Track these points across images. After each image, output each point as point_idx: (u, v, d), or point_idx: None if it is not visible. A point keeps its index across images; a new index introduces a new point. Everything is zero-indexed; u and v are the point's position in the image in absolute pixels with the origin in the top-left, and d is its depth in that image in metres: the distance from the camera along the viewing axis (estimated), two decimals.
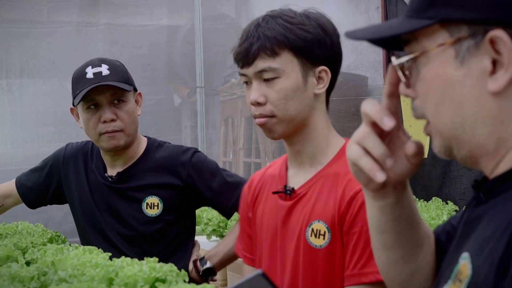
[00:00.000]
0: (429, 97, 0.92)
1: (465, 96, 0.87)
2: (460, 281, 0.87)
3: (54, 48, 3.64)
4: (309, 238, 1.54)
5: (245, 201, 1.78)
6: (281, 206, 1.62)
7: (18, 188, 2.44)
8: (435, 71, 0.89)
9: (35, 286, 1.38)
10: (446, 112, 0.89)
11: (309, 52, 1.54)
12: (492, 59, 0.84)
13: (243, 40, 1.54)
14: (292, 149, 1.62)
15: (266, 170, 1.75)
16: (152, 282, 1.34)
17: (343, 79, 4.17)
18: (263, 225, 1.68)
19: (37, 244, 2.13)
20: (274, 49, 1.52)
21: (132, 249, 2.20)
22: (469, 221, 0.96)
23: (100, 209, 2.26)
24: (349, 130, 4.24)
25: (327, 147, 1.61)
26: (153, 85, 3.90)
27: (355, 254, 1.49)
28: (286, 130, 1.57)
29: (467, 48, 0.85)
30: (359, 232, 1.48)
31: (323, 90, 1.60)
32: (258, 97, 1.54)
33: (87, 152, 2.35)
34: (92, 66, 2.15)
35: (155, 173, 2.23)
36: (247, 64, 1.54)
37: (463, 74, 0.86)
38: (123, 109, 2.16)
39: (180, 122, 4.01)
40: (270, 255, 1.65)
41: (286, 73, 1.53)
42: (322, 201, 1.55)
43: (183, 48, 4.00)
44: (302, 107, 1.56)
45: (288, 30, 1.52)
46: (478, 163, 0.91)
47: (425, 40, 0.90)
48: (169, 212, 2.21)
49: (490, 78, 0.84)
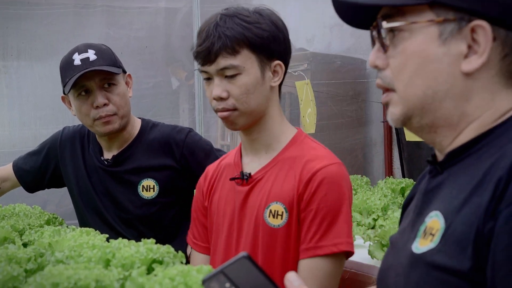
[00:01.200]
0: (405, 69, 1.03)
1: (440, 72, 1.00)
2: (432, 234, 0.97)
3: (51, 31, 3.61)
4: (267, 218, 1.65)
5: (201, 192, 1.87)
6: (238, 192, 1.73)
7: (16, 171, 2.44)
8: (417, 46, 1.01)
9: (32, 267, 1.39)
10: (420, 84, 1.02)
11: (265, 49, 1.65)
12: (468, 45, 0.98)
13: (203, 40, 1.63)
14: (248, 137, 1.74)
15: (221, 161, 1.87)
16: (149, 263, 1.34)
17: (341, 63, 4.15)
18: (220, 212, 1.77)
19: (34, 226, 2.13)
20: (234, 48, 1.61)
21: (130, 232, 2.21)
22: (428, 190, 1.07)
23: (98, 192, 2.26)
24: (347, 113, 4.23)
25: (281, 135, 1.73)
26: (151, 68, 3.88)
27: (311, 229, 1.61)
28: (247, 122, 1.68)
29: (451, 31, 0.98)
30: (316, 209, 1.61)
31: (278, 82, 1.71)
32: (221, 93, 1.64)
33: (83, 135, 2.35)
34: (78, 53, 2.12)
35: (150, 154, 2.23)
36: (209, 62, 1.63)
37: (442, 52, 0.99)
38: (115, 92, 2.15)
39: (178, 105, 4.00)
40: (227, 239, 1.74)
41: (246, 69, 1.63)
42: (279, 183, 1.66)
43: (181, 30, 3.98)
44: (261, 99, 1.68)
45: (247, 29, 1.62)
46: (436, 133, 1.05)
47: (413, 16, 1.01)
48: (165, 195, 2.21)
49: (464, 61, 0.98)
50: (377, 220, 2.50)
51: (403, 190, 3.06)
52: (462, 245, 0.91)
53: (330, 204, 1.60)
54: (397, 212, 2.33)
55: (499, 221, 0.86)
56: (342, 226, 1.61)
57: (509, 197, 0.86)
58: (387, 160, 4.25)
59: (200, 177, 1.90)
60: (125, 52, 3.56)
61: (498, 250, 0.85)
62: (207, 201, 1.84)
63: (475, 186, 0.94)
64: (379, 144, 4.34)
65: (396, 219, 2.17)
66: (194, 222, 1.88)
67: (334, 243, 1.60)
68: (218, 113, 1.67)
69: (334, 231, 1.60)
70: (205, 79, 1.70)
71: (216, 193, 1.81)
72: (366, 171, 4.34)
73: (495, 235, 0.86)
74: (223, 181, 1.80)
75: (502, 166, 0.90)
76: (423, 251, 0.98)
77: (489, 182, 0.91)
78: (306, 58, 4.01)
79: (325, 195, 1.61)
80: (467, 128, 1.02)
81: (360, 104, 4.28)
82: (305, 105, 3.40)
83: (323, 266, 1.60)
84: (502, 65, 0.99)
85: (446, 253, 0.93)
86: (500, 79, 1.00)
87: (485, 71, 0.99)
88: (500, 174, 0.89)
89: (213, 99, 1.66)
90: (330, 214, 1.60)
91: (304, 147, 1.70)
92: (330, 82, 4.07)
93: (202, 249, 1.85)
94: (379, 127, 4.23)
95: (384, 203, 2.65)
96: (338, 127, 4.21)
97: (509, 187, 0.87)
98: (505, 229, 0.85)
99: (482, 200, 0.90)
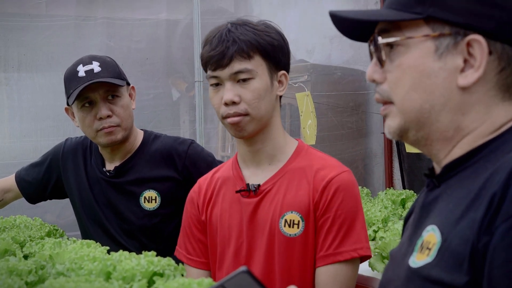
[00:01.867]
0: (402, 82, 1.04)
1: (437, 86, 1.01)
2: (429, 249, 0.98)
3: (52, 42, 3.62)
4: (283, 228, 1.67)
5: (195, 206, 1.86)
6: (245, 204, 1.73)
7: (18, 182, 2.44)
8: (413, 60, 1.03)
9: (32, 279, 1.38)
10: (417, 98, 1.03)
11: (275, 57, 1.69)
12: (464, 59, 0.99)
13: (216, 45, 1.65)
14: (251, 148, 1.74)
15: (213, 175, 1.86)
16: (150, 276, 1.34)
17: (341, 74, 4.16)
18: (224, 225, 1.77)
19: (35, 238, 2.13)
20: (249, 52, 1.64)
21: (132, 243, 2.21)
22: (426, 203, 1.08)
23: (100, 203, 2.26)
24: (347, 124, 4.24)
25: (285, 146, 1.75)
26: (151, 80, 3.89)
27: (329, 236, 1.64)
28: (255, 129, 1.68)
29: (447, 45, 1.00)
30: (333, 217, 1.63)
31: (283, 92, 1.74)
32: (233, 97, 1.64)
33: (86, 147, 2.35)
34: (83, 64, 2.13)
35: (152, 166, 2.23)
36: (221, 66, 1.64)
37: (439, 67, 1.01)
38: (118, 104, 2.15)
39: (179, 117, 4.00)
40: (236, 251, 1.74)
41: (258, 74, 1.66)
42: (292, 193, 1.68)
43: (181, 42, 3.99)
44: (269, 107, 1.70)
45: (259, 36, 1.66)
46: (431, 145, 1.06)
47: (409, 31, 1.03)
48: (166, 206, 2.21)
49: (460, 75, 1.00)
50: (377, 232, 2.50)
51: (404, 201, 3.06)
52: (458, 259, 0.91)
53: (347, 210, 1.64)
54: (397, 223, 2.33)
55: (495, 236, 0.86)
56: (360, 232, 1.65)
57: (504, 213, 0.86)
58: (387, 172, 4.25)
59: (191, 191, 1.90)
60: (125, 63, 3.57)
61: (495, 265, 0.85)
62: (205, 215, 1.83)
63: (471, 201, 0.94)
64: (379, 156, 4.34)
65: (396, 230, 2.17)
66: (188, 238, 1.87)
67: (354, 248, 1.63)
68: (228, 119, 1.67)
69: (353, 237, 1.64)
70: (213, 85, 1.70)
71: (216, 206, 1.80)
72: (367, 182, 4.34)
73: (492, 250, 0.86)
74: (223, 194, 1.80)
75: (497, 181, 0.90)
76: (420, 265, 0.99)
77: (484, 196, 0.91)
78: (307, 70, 4.02)
79: (342, 202, 1.64)
80: (462, 141, 1.03)
81: (360, 116, 4.29)
82: (306, 116, 3.41)
83: (343, 272, 1.63)
84: (499, 79, 1.00)
85: (442, 268, 0.94)
86: (497, 93, 1.01)
87: (481, 85, 1.00)
88: (494, 189, 0.89)
89: (224, 104, 1.66)
90: (347, 220, 1.64)
91: (311, 157, 1.73)
92: (330, 93, 4.08)
93: (198, 264, 1.84)
94: (379, 139, 4.23)
95: (385, 215, 2.65)
96: (338, 139, 4.22)
97: (505, 202, 0.87)
98: (502, 244, 0.85)
99: (476, 215, 0.91)
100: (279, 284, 1.67)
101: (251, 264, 1.71)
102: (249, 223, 1.72)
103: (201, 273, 1.83)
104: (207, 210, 1.82)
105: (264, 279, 1.66)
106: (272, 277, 1.68)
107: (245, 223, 1.73)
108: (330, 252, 1.63)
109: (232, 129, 1.69)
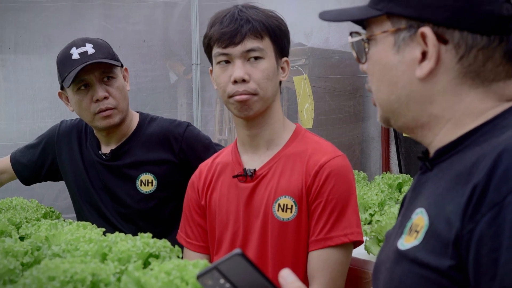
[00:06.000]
0: (373, 76, 1.11)
1: (398, 79, 1.05)
2: (417, 231, 0.99)
3: (49, 24, 3.60)
4: (276, 212, 1.69)
5: (195, 191, 1.87)
6: (242, 188, 1.75)
7: (13, 164, 2.43)
8: (378, 55, 1.08)
9: (28, 260, 1.39)
10: (384, 90, 1.08)
11: (281, 42, 1.73)
12: (422, 51, 1.02)
13: (229, 22, 1.66)
14: (250, 132, 1.75)
15: (214, 160, 1.88)
16: (146, 257, 1.34)
17: (339, 58, 4.14)
18: (222, 209, 1.78)
19: (31, 219, 2.13)
20: (260, 33, 1.67)
21: (127, 226, 2.21)
22: (417, 186, 1.10)
23: (95, 186, 2.26)
24: (345, 108, 4.23)
25: (283, 131, 1.77)
26: (149, 62, 3.87)
27: (320, 221, 1.65)
28: (260, 109, 1.70)
29: (403, 39, 1.03)
30: (325, 201, 1.65)
31: (285, 78, 1.78)
32: (244, 75, 1.66)
33: (81, 129, 2.34)
34: (76, 47, 2.11)
35: (148, 148, 2.22)
36: (233, 43, 1.66)
37: (398, 60, 1.05)
38: (114, 86, 2.14)
39: (176, 100, 3.99)
40: (233, 236, 1.76)
41: (268, 55, 1.68)
42: (286, 177, 1.69)
43: (179, 24, 3.97)
44: (275, 90, 1.72)
45: (269, 19, 1.70)
46: (414, 133, 1.10)
47: (375, 27, 1.08)
48: (163, 189, 2.20)
49: (418, 67, 1.02)
50: (373, 215, 2.50)
51: (400, 185, 3.06)
52: (443, 243, 0.93)
53: (339, 195, 1.65)
54: (393, 207, 2.33)
55: (481, 224, 0.87)
56: (351, 217, 1.66)
57: (490, 201, 0.87)
58: (384, 156, 4.26)
59: (192, 176, 1.91)
60: (123, 45, 3.55)
61: (482, 253, 0.86)
62: (204, 200, 1.84)
63: (459, 185, 0.95)
64: (376, 140, 4.34)
65: (392, 214, 2.17)
66: (187, 221, 1.89)
67: (345, 233, 1.65)
68: (236, 96, 1.67)
69: (344, 222, 1.65)
70: (221, 62, 1.70)
71: (215, 191, 1.81)
72: (364, 166, 4.35)
73: (478, 238, 0.87)
74: (222, 179, 1.81)
75: (481, 168, 0.90)
76: (408, 247, 1.00)
77: (469, 182, 0.92)
78: (304, 53, 4.00)
79: (334, 187, 1.65)
80: (445, 127, 1.04)
81: (358, 99, 4.28)
82: (303, 100, 3.40)
83: (334, 257, 1.65)
84: (460, 68, 1.01)
85: (428, 251, 0.95)
86: (463, 81, 1.01)
87: (442, 75, 1.02)
88: (479, 177, 0.90)
89: (233, 81, 1.67)
90: (339, 205, 1.65)
91: (307, 141, 1.74)
92: (328, 77, 4.07)
93: (197, 248, 1.86)
94: (376, 123, 4.23)
95: (381, 199, 2.65)
96: (335, 122, 4.21)
97: (489, 191, 0.87)
98: (488, 233, 0.86)
99: (462, 200, 0.92)
100: (271, 267, 1.68)
101: (247, 248, 1.72)
102: (245, 207, 1.74)
103: (200, 256, 1.85)
104: (207, 195, 1.84)
105: (257, 262, 1.67)
106: (265, 260, 1.69)
107: (242, 207, 1.74)
108: (321, 237, 1.65)
109: (238, 108, 1.69)
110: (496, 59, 1.00)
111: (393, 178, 3.07)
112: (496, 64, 1.00)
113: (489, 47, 0.99)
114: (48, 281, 1.12)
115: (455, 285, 0.91)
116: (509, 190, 0.85)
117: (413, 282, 0.97)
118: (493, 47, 0.99)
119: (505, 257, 0.83)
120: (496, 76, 1.01)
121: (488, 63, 1.00)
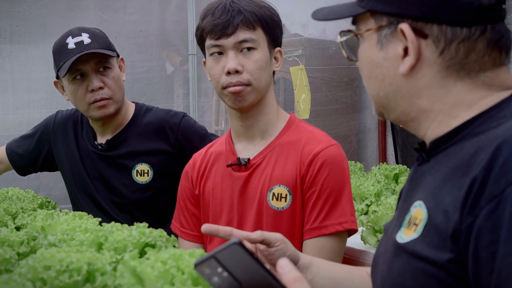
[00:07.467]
0: (362, 72, 1.12)
1: (384, 75, 1.06)
2: (416, 224, 0.99)
3: (45, 13, 3.58)
4: (271, 201, 1.69)
5: (189, 180, 1.87)
6: (236, 178, 1.75)
7: (9, 155, 2.43)
8: (364, 52, 1.09)
9: (24, 250, 1.39)
10: (373, 86, 1.10)
11: (274, 32, 1.73)
12: (404, 47, 1.02)
13: (221, 14, 1.67)
14: (244, 123, 1.76)
15: (207, 149, 1.88)
16: (142, 247, 1.34)
17: (336, 48, 4.14)
18: (216, 199, 1.79)
19: (27, 209, 2.13)
20: (253, 24, 1.67)
21: (123, 216, 2.21)
22: (415, 178, 1.10)
23: (91, 176, 2.26)
24: (341, 99, 4.23)
25: (277, 121, 1.77)
26: (145, 52, 3.86)
27: (314, 210, 1.66)
28: (254, 100, 1.70)
29: (385, 36, 1.04)
30: (319, 190, 1.65)
31: (278, 68, 1.77)
32: (237, 66, 1.66)
33: (77, 119, 2.34)
34: (72, 36, 2.10)
35: (144, 139, 2.22)
36: (226, 35, 1.66)
37: (382, 57, 1.05)
38: (110, 76, 2.14)
39: (173, 90, 3.98)
40: (228, 225, 1.73)
41: (261, 46, 1.69)
42: (281, 166, 1.70)
43: (175, 15, 3.95)
44: (268, 80, 1.72)
45: (261, 9, 1.70)
46: (407, 125, 1.10)
47: (361, 25, 1.09)
48: (159, 179, 2.20)
49: (401, 62, 1.03)
50: (370, 206, 2.51)
51: (397, 176, 3.07)
52: (441, 236, 0.92)
53: (333, 184, 1.66)
54: (390, 198, 2.33)
55: (480, 218, 0.86)
56: (346, 205, 1.66)
57: (488, 194, 0.86)
58: (381, 146, 4.26)
59: (186, 165, 1.91)
60: (119, 35, 3.54)
61: (481, 246, 0.86)
62: (198, 190, 1.84)
63: (457, 177, 0.94)
64: (373, 130, 4.34)
65: (389, 205, 2.18)
66: (182, 211, 1.89)
67: (339, 221, 1.65)
68: (229, 88, 1.68)
69: (338, 210, 1.65)
70: (214, 54, 1.70)
71: (208, 181, 1.82)
72: (360, 157, 4.35)
73: (477, 232, 0.87)
74: (215, 168, 1.81)
75: (480, 161, 0.90)
76: (406, 240, 1.00)
77: (468, 175, 0.91)
78: (301, 44, 4.00)
79: (328, 175, 1.65)
80: (437, 120, 1.04)
81: (354, 90, 4.28)
82: (299, 90, 3.40)
83: (328, 245, 1.65)
84: (442, 61, 1.00)
85: (427, 244, 0.95)
86: (448, 73, 1.01)
87: (425, 69, 1.02)
88: (477, 170, 0.89)
89: (227, 73, 1.67)
90: (333, 194, 1.65)
91: (301, 131, 1.74)
92: (324, 67, 4.06)
93: (192, 238, 1.86)
94: (373, 114, 4.21)
95: (378, 189, 2.66)
96: (332, 113, 4.21)
97: (488, 183, 0.87)
98: (487, 226, 0.85)
99: (460, 193, 0.91)
100: None
101: None
102: (239, 196, 1.74)
103: (195, 246, 1.85)
104: (200, 184, 1.84)
105: None
106: None
107: (236, 196, 1.74)
108: (315, 226, 1.65)
109: (232, 99, 1.69)
110: (479, 50, 1.00)
111: (389, 169, 3.08)
112: (480, 55, 1.00)
113: (470, 39, 0.99)
114: (44, 270, 1.12)
115: (454, 278, 0.91)
116: (508, 183, 0.85)
117: (412, 275, 0.97)
118: (475, 38, 0.99)
119: (503, 250, 0.83)
120: (482, 67, 1.01)
121: (471, 55, 1.00)
